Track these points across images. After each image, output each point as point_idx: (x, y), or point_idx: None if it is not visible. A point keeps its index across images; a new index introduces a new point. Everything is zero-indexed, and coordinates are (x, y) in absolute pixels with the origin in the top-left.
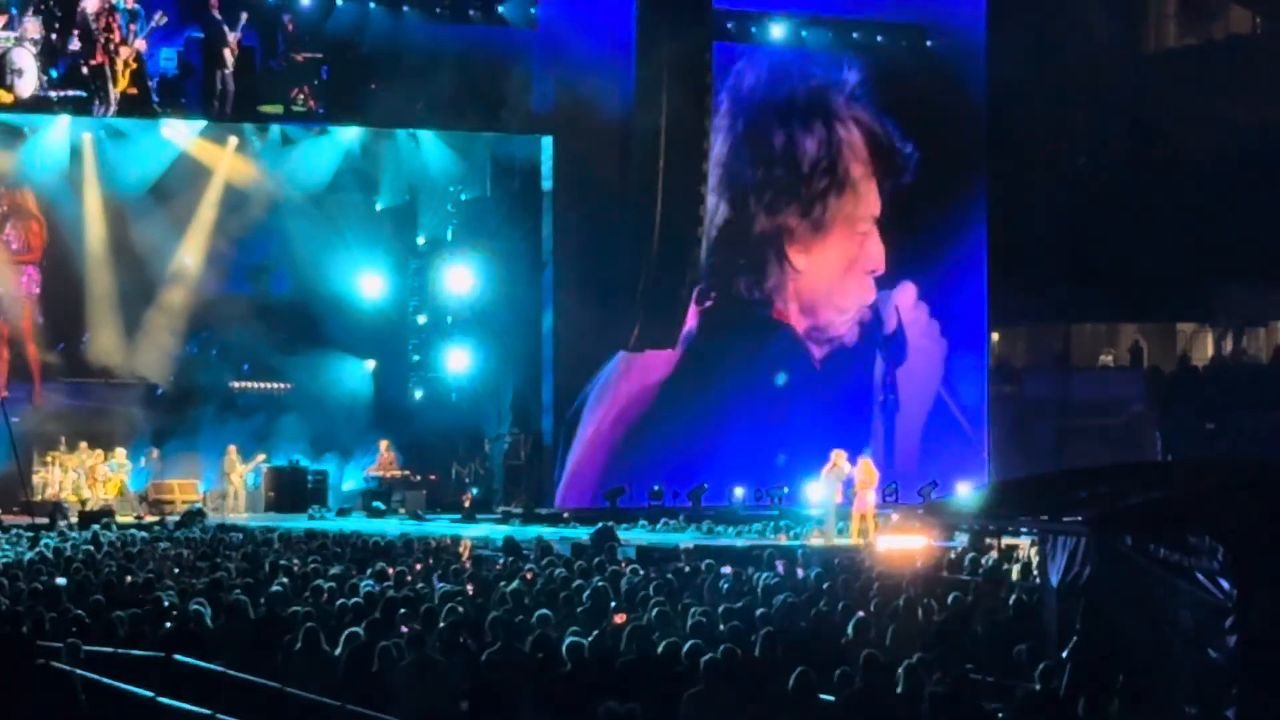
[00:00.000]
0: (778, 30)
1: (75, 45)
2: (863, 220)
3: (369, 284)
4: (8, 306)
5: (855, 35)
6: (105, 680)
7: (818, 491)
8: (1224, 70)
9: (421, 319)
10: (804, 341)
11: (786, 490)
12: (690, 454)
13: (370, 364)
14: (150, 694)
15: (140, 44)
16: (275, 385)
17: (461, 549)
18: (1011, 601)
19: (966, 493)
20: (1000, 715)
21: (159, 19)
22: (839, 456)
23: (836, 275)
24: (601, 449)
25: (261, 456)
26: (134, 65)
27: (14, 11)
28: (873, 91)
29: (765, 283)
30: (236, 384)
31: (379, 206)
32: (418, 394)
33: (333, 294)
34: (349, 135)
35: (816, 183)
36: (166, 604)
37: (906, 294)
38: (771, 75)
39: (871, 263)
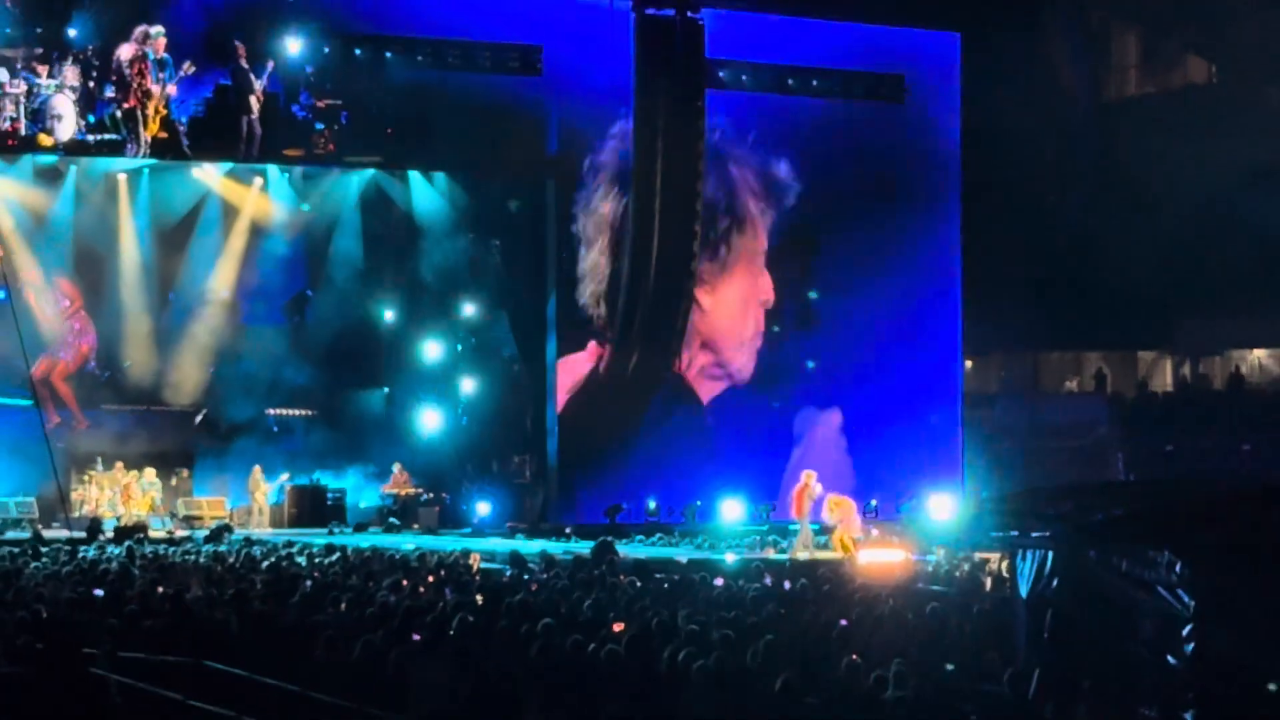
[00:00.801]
0: (767, 80)
1: (110, 92)
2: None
3: (385, 316)
4: (54, 340)
5: (838, 85)
6: (139, 684)
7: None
8: (1182, 117)
9: (433, 348)
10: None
11: (774, 506)
12: (684, 473)
13: (385, 390)
14: (180, 697)
15: (171, 90)
16: (298, 411)
17: (471, 562)
18: (983, 611)
19: (944, 509)
20: (972, 717)
21: (187, 68)
22: (809, 477)
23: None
24: (601, 468)
25: (285, 476)
26: (163, 111)
27: (55, 61)
28: (854, 134)
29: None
30: (270, 410)
31: (396, 244)
32: (429, 418)
33: (351, 325)
34: (366, 176)
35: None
36: (195, 612)
37: None
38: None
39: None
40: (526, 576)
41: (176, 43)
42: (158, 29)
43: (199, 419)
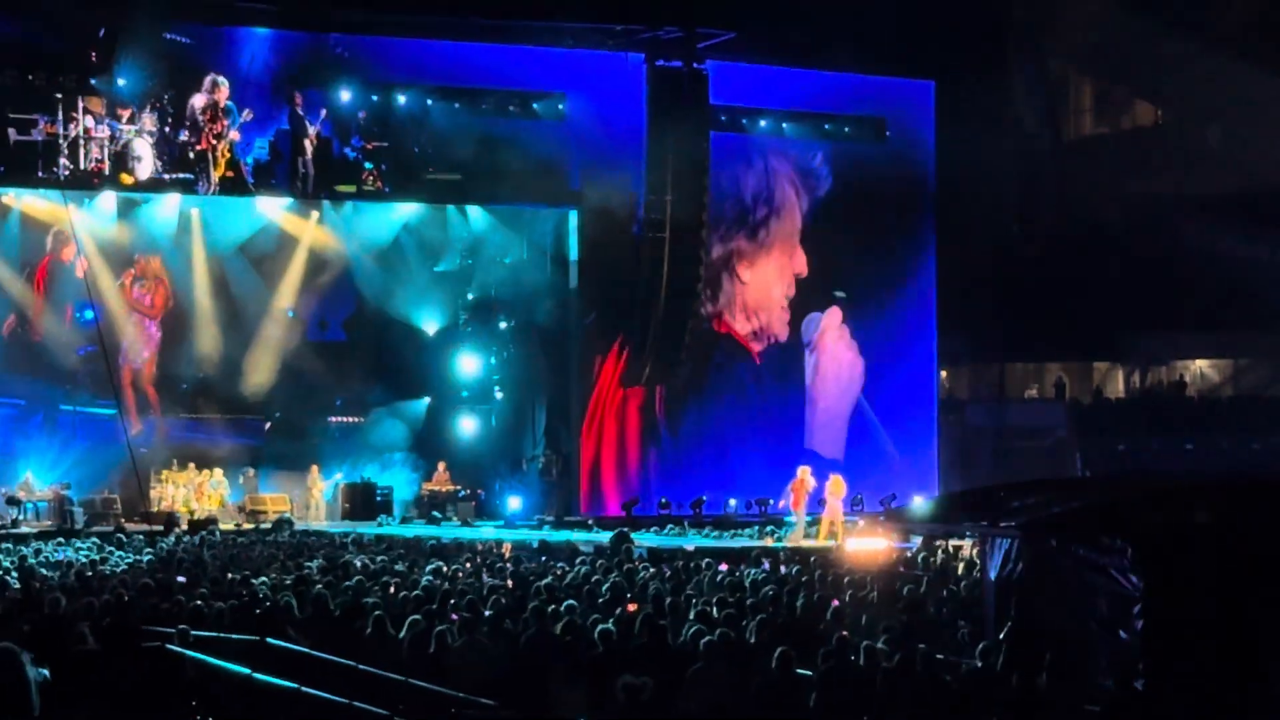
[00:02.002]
0: (763, 123)
1: (184, 136)
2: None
3: (428, 333)
4: (134, 355)
5: (827, 127)
6: (210, 660)
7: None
8: (1131, 154)
9: (469, 362)
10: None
11: (772, 501)
12: (692, 470)
13: (427, 399)
14: (247, 671)
15: (234, 135)
16: (351, 418)
17: (504, 550)
18: (956, 592)
19: (920, 503)
20: (948, 686)
21: (246, 115)
22: (804, 472)
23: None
24: (619, 467)
25: (339, 475)
26: (229, 153)
27: (135, 109)
28: (840, 170)
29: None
30: (330, 419)
31: (436, 269)
32: (467, 424)
33: (397, 341)
34: (410, 209)
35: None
36: (261, 596)
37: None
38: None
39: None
40: (553, 562)
41: (240, 92)
42: (222, 80)
43: (266, 426)
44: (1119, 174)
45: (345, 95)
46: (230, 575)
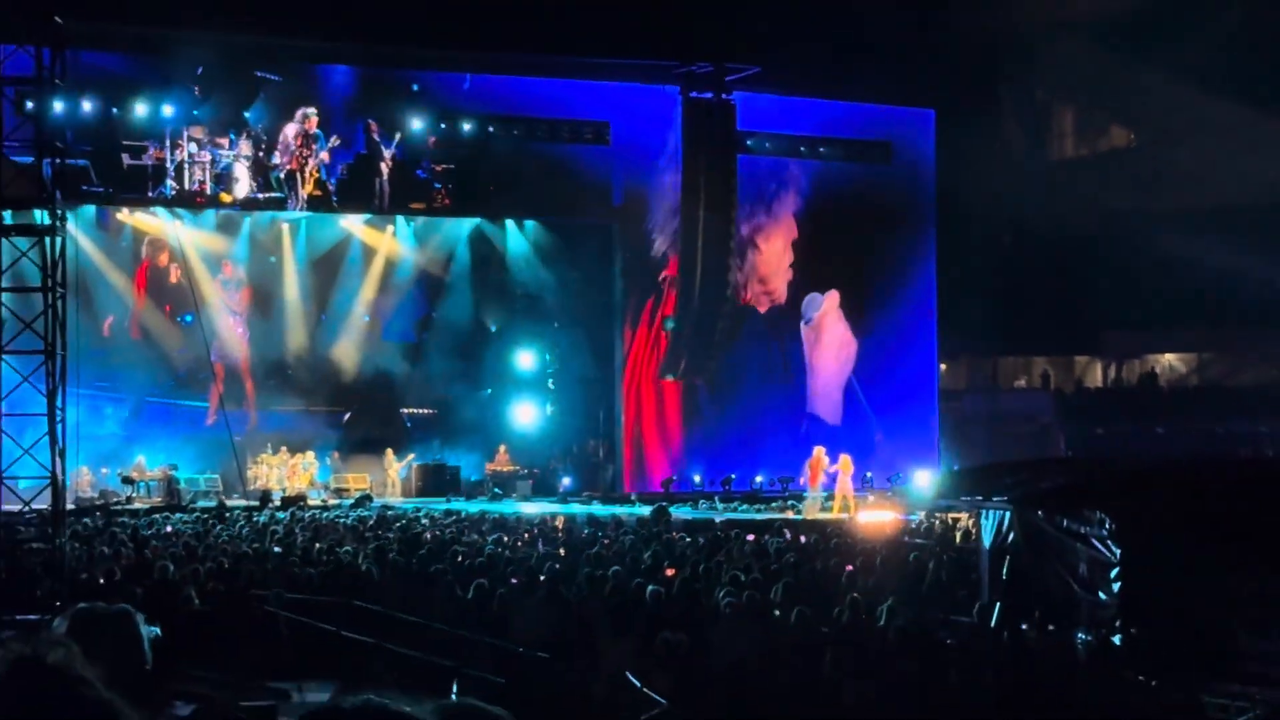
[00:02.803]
0: (785, 146)
1: (276, 160)
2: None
3: (490, 332)
4: (230, 352)
5: (840, 149)
6: (301, 619)
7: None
8: (1108, 173)
9: (526, 358)
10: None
11: (793, 478)
12: (723, 451)
13: (489, 390)
14: (334, 629)
15: (324, 156)
16: (423, 410)
17: (557, 523)
18: (955, 559)
19: (924, 480)
20: (948, 641)
21: (334, 141)
22: (820, 452)
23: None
24: (658, 449)
25: (411, 456)
26: (316, 174)
27: (233, 136)
28: (852, 188)
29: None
30: (403, 410)
31: (497, 276)
32: (524, 412)
33: (463, 340)
34: (473, 223)
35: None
36: (344, 563)
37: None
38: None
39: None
40: (600, 534)
41: (327, 120)
42: (311, 110)
43: (346, 417)
44: (1098, 190)
45: (417, 124)
46: (318, 545)
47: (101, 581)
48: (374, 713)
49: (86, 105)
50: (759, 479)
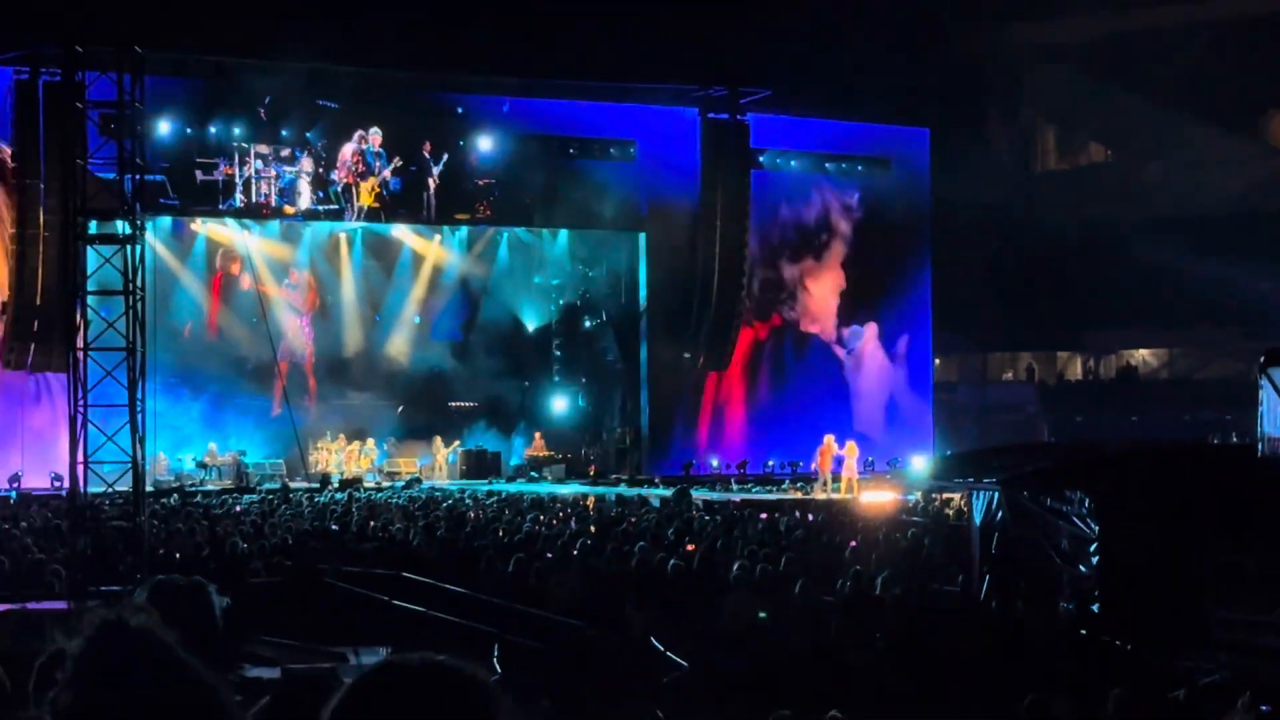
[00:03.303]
0: (794, 162)
1: (334, 175)
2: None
3: (528, 330)
4: (295, 349)
5: (843, 166)
6: (357, 589)
7: (819, 460)
8: (1086, 185)
9: (559, 354)
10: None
11: (801, 463)
12: (738, 437)
13: (526, 383)
14: (386, 598)
15: (387, 174)
16: (468, 403)
17: (588, 503)
18: (948, 535)
19: (919, 465)
20: (941, 609)
21: (397, 162)
22: (829, 440)
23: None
24: (680, 433)
25: (457, 442)
26: (377, 189)
27: (296, 154)
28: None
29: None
30: (451, 404)
31: (535, 280)
32: (558, 402)
33: (504, 339)
34: (513, 232)
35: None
36: (396, 539)
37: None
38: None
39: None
40: (627, 512)
41: (387, 140)
42: (375, 130)
43: (400, 409)
44: (1077, 202)
45: (460, 142)
46: (372, 523)
47: (177, 556)
48: (434, 668)
49: (163, 126)
50: (770, 463)
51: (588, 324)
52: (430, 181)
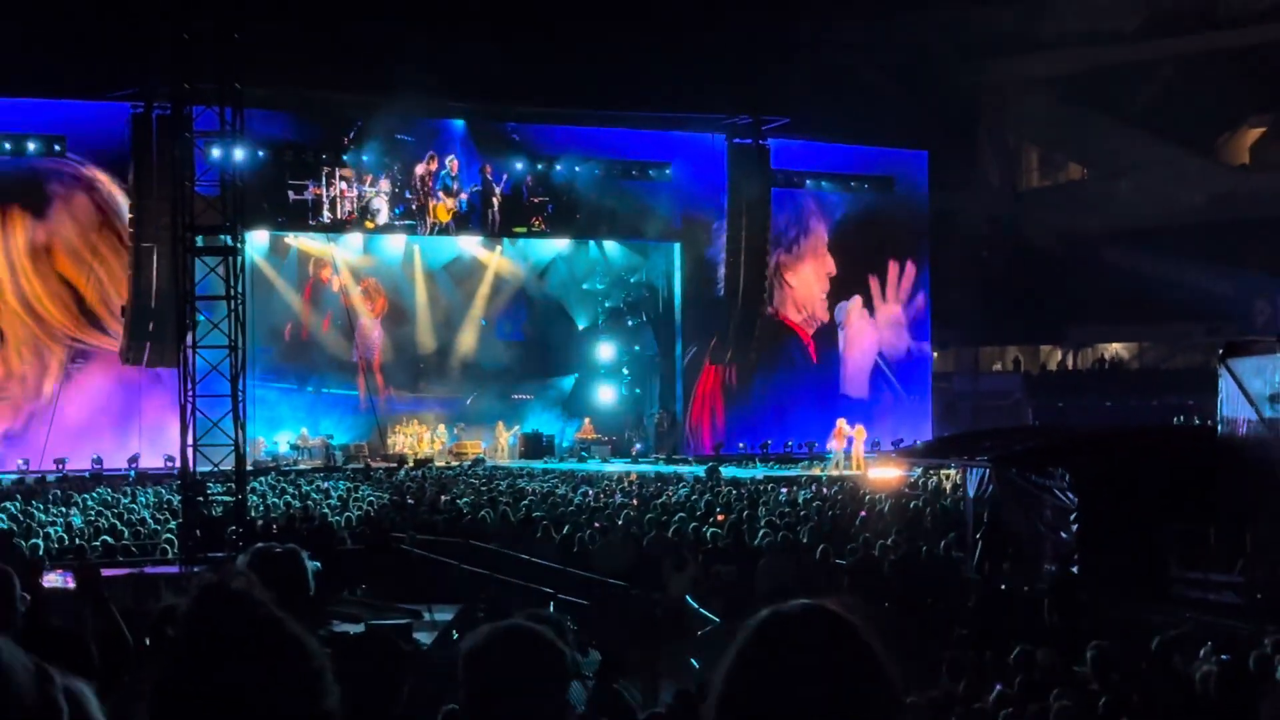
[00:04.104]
0: (809, 181)
1: (409, 195)
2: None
3: (578, 329)
4: (370, 349)
5: (851, 184)
6: (430, 555)
7: (830, 443)
8: (1065, 200)
9: (606, 349)
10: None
11: (817, 443)
12: (761, 421)
13: (576, 375)
14: (456, 562)
15: (463, 195)
16: (526, 395)
17: (631, 479)
18: (945, 507)
19: (920, 445)
20: (938, 571)
21: (472, 188)
22: (841, 422)
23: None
24: (712, 418)
25: (517, 427)
26: (445, 207)
27: (375, 175)
28: (861, 213)
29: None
30: (514, 395)
31: (584, 285)
32: (605, 391)
33: (558, 337)
34: (564, 243)
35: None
36: (464, 511)
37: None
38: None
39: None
40: (665, 487)
41: (452, 164)
42: (451, 157)
43: (469, 401)
44: (1057, 214)
45: (519, 165)
46: (443, 497)
47: (274, 526)
48: (521, 633)
49: (260, 151)
50: (790, 443)
51: (630, 323)
52: (494, 200)
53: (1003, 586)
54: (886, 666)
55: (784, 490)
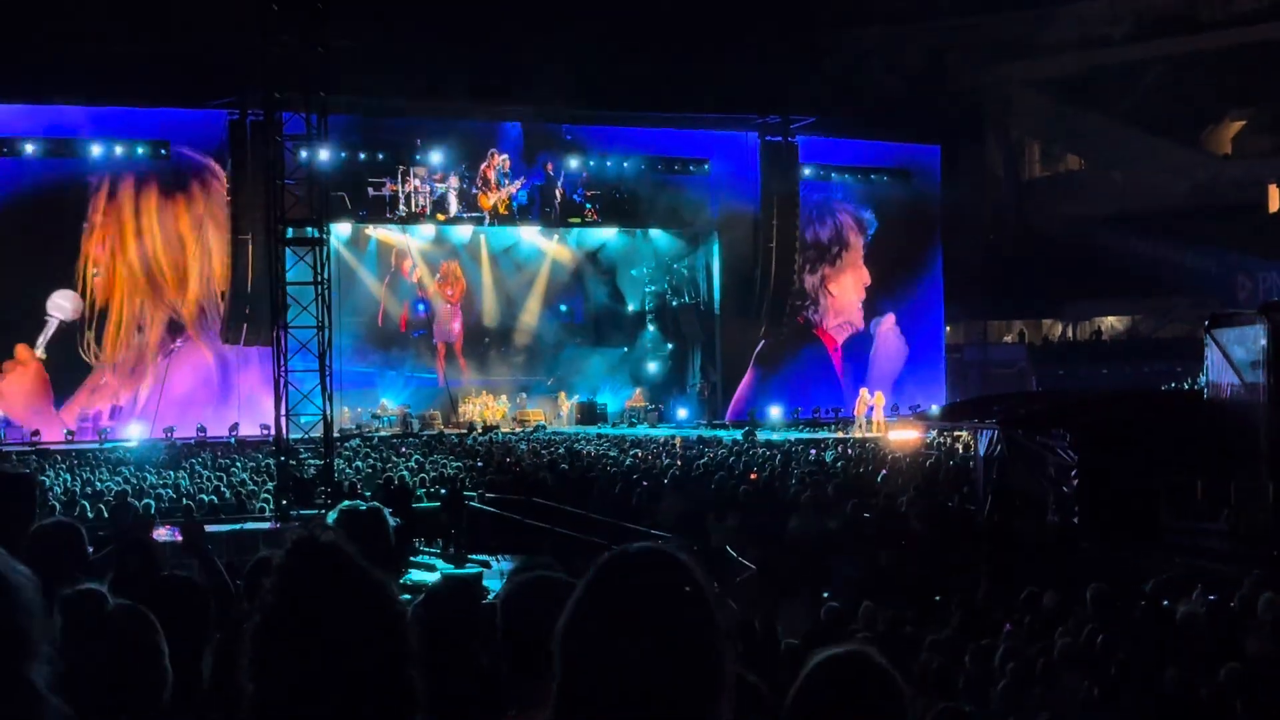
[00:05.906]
0: (833, 175)
1: (475, 190)
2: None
3: (628, 309)
4: (446, 331)
5: (871, 177)
6: (496, 510)
7: (856, 409)
8: (1065, 189)
9: (653, 329)
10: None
11: (841, 409)
12: (793, 389)
13: (624, 349)
14: (519, 517)
15: (514, 188)
16: (581, 368)
17: (676, 442)
18: (958, 464)
19: (935, 409)
20: (953, 522)
21: (524, 179)
22: (864, 391)
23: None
24: (747, 388)
25: (575, 397)
26: (507, 200)
27: (445, 173)
28: (880, 203)
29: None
30: (569, 368)
31: (632, 271)
32: (652, 364)
33: (610, 318)
34: (614, 233)
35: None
36: (526, 471)
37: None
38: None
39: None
40: (707, 449)
41: (514, 163)
42: (504, 156)
43: (550, 381)
44: (1057, 202)
45: (573, 163)
46: (507, 459)
47: (359, 486)
48: (548, 581)
49: (343, 153)
50: (818, 409)
51: (674, 304)
52: (556, 193)
53: (1011, 535)
54: (714, 607)
55: (813, 451)
